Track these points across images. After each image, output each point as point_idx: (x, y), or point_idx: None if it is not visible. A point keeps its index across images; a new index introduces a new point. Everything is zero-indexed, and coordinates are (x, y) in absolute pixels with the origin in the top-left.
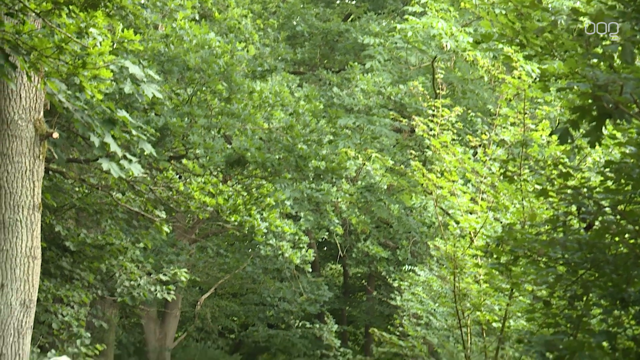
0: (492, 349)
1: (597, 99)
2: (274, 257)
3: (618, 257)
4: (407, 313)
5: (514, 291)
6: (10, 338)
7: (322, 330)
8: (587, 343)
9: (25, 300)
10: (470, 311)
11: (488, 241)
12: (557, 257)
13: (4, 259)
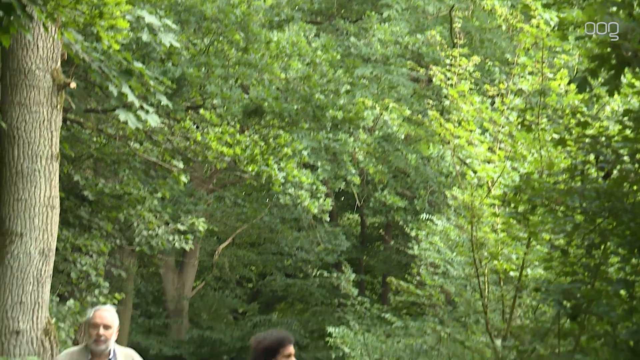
0: (509, 298)
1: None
2: (291, 206)
3: (636, 206)
4: (425, 262)
5: (531, 240)
6: (29, 286)
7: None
8: (604, 291)
9: (44, 249)
10: (487, 260)
11: (506, 190)
12: (575, 205)
13: (22, 209)
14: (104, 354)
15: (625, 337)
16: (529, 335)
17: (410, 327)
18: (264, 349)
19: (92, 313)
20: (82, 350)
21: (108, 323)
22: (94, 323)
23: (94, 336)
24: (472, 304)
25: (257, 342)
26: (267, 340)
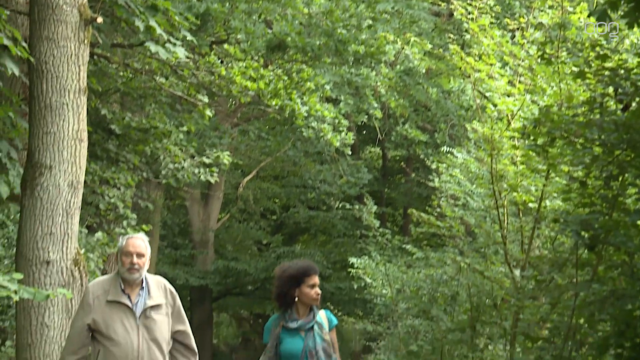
0: (528, 229)
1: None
2: (314, 140)
3: None
4: (445, 194)
5: (550, 172)
6: (59, 218)
7: (361, 211)
8: (622, 222)
9: (73, 181)
10: (507, 192)
11: (525, 123)
12: (594, 138)
13: (51, 142)
14: (136, 282)
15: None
16: (547, 266)
17: (431, 258)
18: (288, 278)
19: (124, 241)
20: (114, 278)
21: (141, 251)
22: (126, 251)
23: (127, 265)
24: (491, 235)
25: (281, 271)
26: (291, 269)
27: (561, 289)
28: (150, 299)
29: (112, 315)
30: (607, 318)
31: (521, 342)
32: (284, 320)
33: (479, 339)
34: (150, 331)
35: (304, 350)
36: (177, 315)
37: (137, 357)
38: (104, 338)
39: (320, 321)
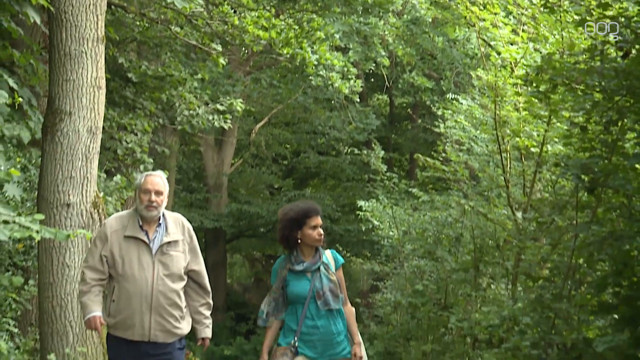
0: (530, 173)
1: None
2: (324, 87)
3: None
4: (450, 140)
5: (552, 118)
6: (79, 162)
7: (369, 156)
8: (621, 165)
9: (92, 127)
10: (510, 137)
11: (528, 70)
12: (594, 84)
13: (70, 89)
14: (154, 219)
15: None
16: (548, 208)
17: (436, 201)
18: (290, 220)
19: (143, 179)
20: (132, 214)
21: (160, 189)
22: (145, 189)
23: (145, 202)
24: (494, 178)
25: (283, 214)
26: (293, 211)
27: (561, 230)
28: (167, 236)
29: (128, 251)
30: (605, 258)
31: (522, 281)
32: (290, 262)
33: (482, 279)
34: (166, 267)
35: (311, 291)
36: (193, 253)
37: (151, 293)
38: (119, 274)
39: (327, 261)
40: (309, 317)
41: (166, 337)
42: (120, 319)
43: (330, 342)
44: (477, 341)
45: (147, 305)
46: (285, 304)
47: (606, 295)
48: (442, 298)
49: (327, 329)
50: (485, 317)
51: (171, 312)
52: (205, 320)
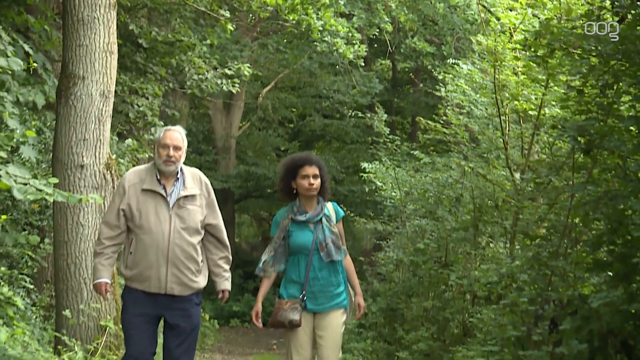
0: (528, 135)
1: None
2: (329, 52)
3: None
4: (451, 103)
5: (549, 81)
6: (92, 125)
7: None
8: (616, 127)
9: (104, 91)
10: (508, 100)
11: (527, 36)
12: (591, 49)
13: (83, 54)
14: (172, 174)
15: (635, 169)
16: (545, 169)
17: (437, 163)
18: (285, 170)
19: (162, 133)
20: (150, 168)
21: (178, 144)
22: (164, 144)
23: (163, 157)
24: (493, 141)
25: (281, 164)
26: (287, 161)
27: (558, 190)
28: (184, 190)
29: (146, 204)
30: (600, 217)
31: (520, 240)
32: (292, 213)
33: (481, 238)
34: (183, 220)
35: (314, 242)
36: (210, 208)
37: (167, 245)
38: (137, 226)
39: (328, 214)
40: (311, 268)
41: (182, 290)
42: (138, 271)
43: (330, 294)
44: (476, 297)
45: (164, 257)
46: (286, 254)
47: (601, 253)
48: (442, 256)
49: (328, 281)
50: (484, 275)
51: (187, 265)
52: (225, 273)
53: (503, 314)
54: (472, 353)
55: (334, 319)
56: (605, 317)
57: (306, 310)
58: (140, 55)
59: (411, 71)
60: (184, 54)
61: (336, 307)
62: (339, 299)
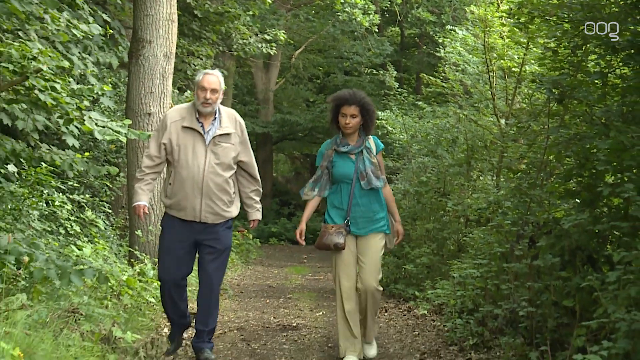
0: (511, 88)
1: None
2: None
3: (611, 15)
4: (449, 62)
5: (529, 44)
6: (157, 80)
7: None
8: (584, 81)
9: (167, 52)
10: (496, 60)
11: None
12: (564, 16)
13: (150, 22)
14: (210, 114)
15: (599, 115)
16: (525, 116)
17: (437, 111)
18: (331, 106)
19: (201, 76)
20: (191, 107)
21: (215, 87)
22: (202, 86)
23: (201, 98)
24: (483, 93)
25: (328, 100)
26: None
27: (536, 133)
28: (220, 129)
29: (184, 140)
30: (571, 154)
31: (505, 173)
32: (335, 144)
33: (472, 172)
34: (217, 156)
35: (356, 171)
36: (243, 145)
37: (202, 179)
38: (175, 160)
39: (369, 146)
40: (354, 195)
41: (215, 218)
42: (175, 200)
43: (371, 219)
44: (468, 221)
45: (199, 189)
46: (329, 182)
47: (571, 184)
48: (441, 187)
49: (368, 207)
50: (475, 202)
51: (220, 197)
52: (256, 204)
53: (490, 234)
54: (465, 265)
55: (374, 242)
56: (574, 236)
57: (350, 234)
58: (195, 24)
59: (416, 36)
60: (231, 22)
61: (376, 231)
62: (379, 224)
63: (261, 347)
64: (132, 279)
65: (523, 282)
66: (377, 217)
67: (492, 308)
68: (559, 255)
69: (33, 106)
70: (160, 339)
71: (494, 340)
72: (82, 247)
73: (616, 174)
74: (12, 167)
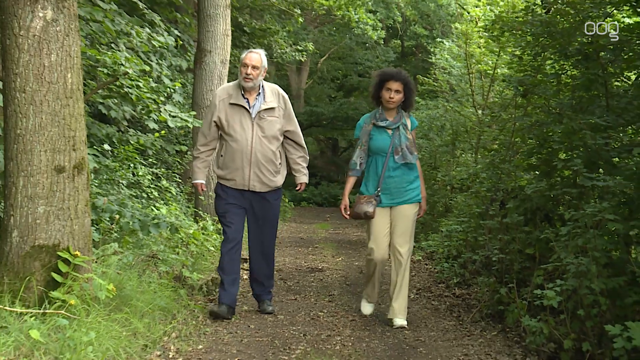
0: (486, 86)
1: None
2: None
3: (564, 30)
4: (438, 66)
5: (500, 52)
6: (215, 81)
7: None
8: (542, 80)
9: (223, 59)
10: (474, 64)
11: (487, 23)
12: (527, 30)
13: (210, 36)
14: (254, 89)
15: (554, 106)
16: (497, 107)
17: (429, 104)
18: (375, 81)
19: (244, 55)
20: (237, 85)
21: (256, 64)
22: (244, 63)
23: (243, 74)
24: (465, 90)
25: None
26: (378, 73)
27: (505, 120)
28: (264, 103)
29: (233, 115)
30: (532, 137)
31: (481, 152)
32: (374, 119)
33: (457, 151)
34: (263, 130)
35: (391, 146)
36: (287, 117)
37: (250, 150)
38: (226, 134)
39: (405, 123)
40: (388, 168)
41: (262, 187)
42: (227, 171)
43: (403, 189)
44: (453, 188)
45: (247, 160)
46: (367, 155)
47: (532, 159)
48: (432, 162)
49: (402, 178)
50: (458, 174)
51: (267, 167)
52: (303, 169)
53: (470, 198)
54: (450, 222)
55: (407, 211)
56: (535, 199)
57: (382, 204)
58: (245, 37)
59: (413, 46)
60: (272, 36)
61: (409, 201)
62: (412, 194)
63: (295, 284)
64: (196, 232)
65: (495, 235)
66: (411, 188)
67: (471, 255)
68: (523, 214)
69: (122, 100)
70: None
71: (472, 279)
72: (159, 208)
73: (567, 152)
74: (107, 146)
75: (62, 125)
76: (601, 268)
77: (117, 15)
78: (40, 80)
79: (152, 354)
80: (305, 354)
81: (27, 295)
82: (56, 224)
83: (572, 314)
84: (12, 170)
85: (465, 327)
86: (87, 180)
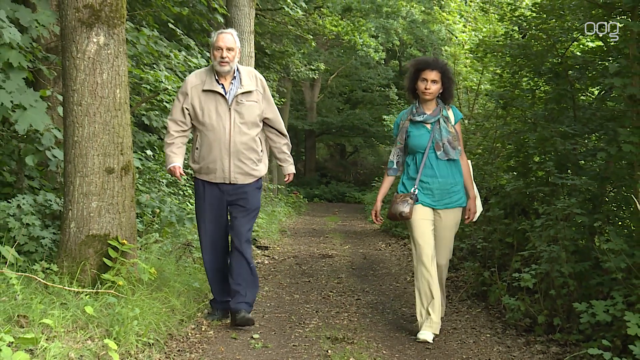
0: (472, 99)
1: None
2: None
3: (537, 53)
4: None
5: (484, 70)
6: None
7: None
8: (520, 95)
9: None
10: (462, 81)
11: (472, 46)
12: (507, 52)
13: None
14: (229, 73)
15: (530, 117)
16: (481, 117)
17: None
18: (409, 72)
19: (215, 36)
20: (209, 70)
21: (230, 45)
22: (217, 46)
23: (217, 58)
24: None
25: (408, 65)
26: (412, 63)
27: (488, 129)
28: (241, 87)
29: (207, 103)
30: (511, 143)
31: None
32: (411, 114)
33: None
34: (241, 115)
35: (431, 141)
36: (267, 102)
37: (229, 139)
38: (200, 124)
39: (447, 115)
40: (429, 166)
41: (245, 178)
42: (204, 164)
43: (447, 191)
44: None
45: (226, 150)
46: (404, 155)
47: (511, 162)
48: None
49: (446, 179)
50: None
51: (248, 156)
52: (288, 158)
53: None
54: None
55: (450, 220)
56: (513, 196)
57: (425, 204)
58: (266, 58)
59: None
60: (289, 57)
61: (453, 206)
62: (456, 197)
63: (308, 268)
64: None
65: (479, 227)
66: (454, 190)
67: (459, 243)
68: (503, 209)
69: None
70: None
71: (460, 264)
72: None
73: (541, 155)
74: (149, 151)
75: (112, 133)
76: (570, 254)
77: (158, 40)
78: (93, 95)
79: (188, 327)
80: (318, 327)
81: (83, 277)
82: (107, 217)
83: (545, 294)
84: (70, 171)
85: (454, 305)
86: (133, 180)
